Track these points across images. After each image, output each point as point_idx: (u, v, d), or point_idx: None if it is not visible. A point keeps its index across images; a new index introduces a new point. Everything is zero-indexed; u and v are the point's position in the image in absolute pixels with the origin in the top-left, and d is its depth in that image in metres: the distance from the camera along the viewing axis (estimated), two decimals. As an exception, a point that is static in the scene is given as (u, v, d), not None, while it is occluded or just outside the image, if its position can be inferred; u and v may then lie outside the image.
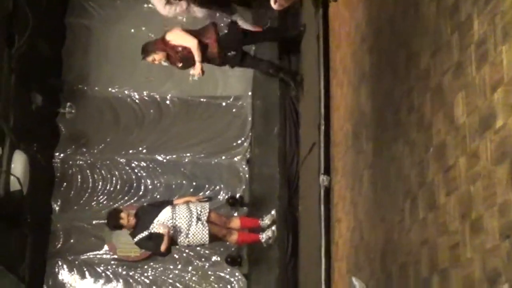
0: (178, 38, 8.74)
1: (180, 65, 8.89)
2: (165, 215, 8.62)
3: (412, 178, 4.44)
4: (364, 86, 6.22)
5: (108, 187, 10.85)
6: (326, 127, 7.86)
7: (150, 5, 10.41)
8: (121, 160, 10.93)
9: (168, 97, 11.13)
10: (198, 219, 8.68)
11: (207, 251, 10.60)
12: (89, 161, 10.92)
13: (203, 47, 8.70)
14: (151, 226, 8.56)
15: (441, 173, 3.85)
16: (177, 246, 9.14)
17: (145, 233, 8.58)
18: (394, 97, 5.03)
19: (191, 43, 8.68)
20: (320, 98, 8.04)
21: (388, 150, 5.16)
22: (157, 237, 8.53)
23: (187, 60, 8.81)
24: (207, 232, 8.70)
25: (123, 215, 8.61)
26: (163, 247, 8.54)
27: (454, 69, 3.73)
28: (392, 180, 4.99)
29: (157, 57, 8.87)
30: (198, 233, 8.66)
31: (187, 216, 8.64)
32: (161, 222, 8.55)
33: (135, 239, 8.68)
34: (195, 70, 8.82)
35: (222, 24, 9.43)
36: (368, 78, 6.12)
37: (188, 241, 8.73)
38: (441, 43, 3.97)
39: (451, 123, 3.73)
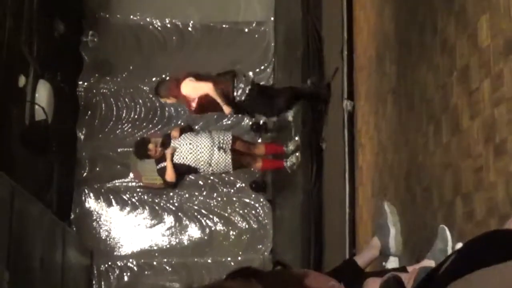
0: (193, 90, 8.29)
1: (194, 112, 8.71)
2: (184, 144, 8.61)
3: (436, 102, 4.41)
4: (387, 8, 6.14)
5: (132, 115, 10.90)
6: (349, 52, 7.80)
7: None
8: (144, 88, 10.95)
9: (190, 23, 11.08)
10: (220, 147, 8.66)
11: (231, 178, 10.67)
12: (112, 89, 10.95)
13: (221, 90, 8.27)
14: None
15: (465, 97, 3.83)
16: (201, 174, 9.18)
17: (164, 163, 8.60)
18: (417, 19, 4.98)
19: (206, 87, 8.21)
20: (343, 22, 7.96)
21: (411, 73, 5.13)
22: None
23: (202, 108, 8.52)
24: (230, 160, 8.70)
25: (151, 146, 8.60)
26: (166, 175, 8.59)
27: (478, -10, 3.68)
28: (416, 103, 4.97)
29: (170, 101, 8.82)
30: (221, 161, 8.65)
31: (208, 145, 8.60)
32: (173, 147, 8.55)
33: (157, 167, 8.74)
34: (227, 111, 8.45)
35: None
36: (391, 0, 6.05)
37: (212, 170, 8.74)
38: (465, -37, 3.90)
39: (475, 46, 3.69)
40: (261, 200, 10.64)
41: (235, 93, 8.29)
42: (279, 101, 8.73)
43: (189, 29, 11.09)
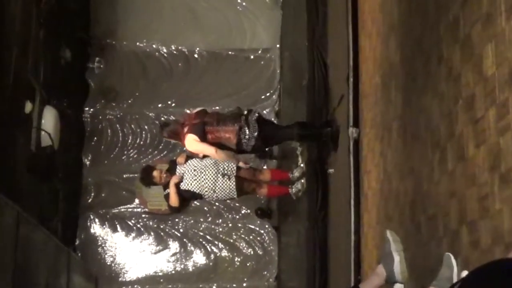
0: (197, 150, 8.57)
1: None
2: (189, 171, 8.64)
3: (441, 130, 4.42)
4: (393, 37, 6.17)
5: (138, 141, 10.92)
6: (354, 79, 7.82)
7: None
8: (150, 114, 10.98)
9: (196, 50, 11.13)
10: (225, 174, 8.68)
11: (237, 204, 10.67)
12: (118, 116, 10.98)
13: (221, 146, 8.52)
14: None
15: (470, 125, 3.83)
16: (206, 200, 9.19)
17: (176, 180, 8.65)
18: (423, 48, 5.00)
19: (209, 151, 8.49)
20: (349, 49, 7.99)
21: (417, 101, 5.14)
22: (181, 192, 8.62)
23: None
24: (234, 186, 8.70)
25: (155, 173, 8.64)
26: (170, 200, 8.64)
27: (483, 20, 3.69)
28: (421, 131, 4.98)
29: (174, 141, 9.09)
30: (226, 188, 8.67)
31: (212, 172, 8.63)
32: (179, 175, 8.61)
33: (165, 192, 8.76)
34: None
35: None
36: (397, 29, 6.07)
37: (216, 196, 8.75)
38: (470, -7, 3.92)
39: (480, 74, 3.70)
40: (267, 226, 10.63)
41: (243, 142, 8.46)
42: (288, 132, 8.82)
43: (195, 55, 11.14)
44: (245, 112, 8.57)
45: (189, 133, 8.41)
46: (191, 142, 8.41)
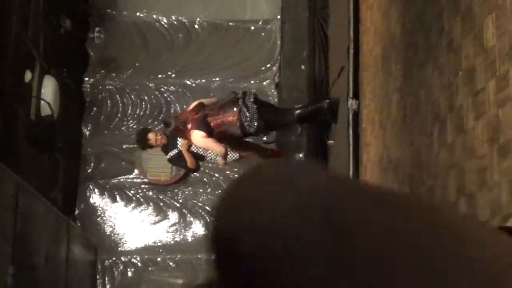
0: (204, 145, 8.62)
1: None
2: None
3: (441, 102, 4.42)
4: (394, 9, 6.15)
5: (137, 112, 10.90)
6: (355, 51, 7.81)
7: None
8: (150, 84, 10.96)
9: (196, 21, 11.09)
10: None
11: (236, 175, 10.66)
12: (118, 86, 10.96)
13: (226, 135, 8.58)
14: (179, 144, 8.67)
15: (470, 97, 3.83)
16: (206, 170, 9.21)
17: (175, 151, 8.68)
18: (424, 20, 4.98)
19: (217, 150, 8.57)
20: (350, 21, 7.97)
21: (417, 73, 5.13)
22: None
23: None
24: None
25: (151, 136, 8.68)
26: (189, 164, 8.76)
27: (484, -9, 3.68)
28: (421, 103, 4.98)
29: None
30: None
31: None
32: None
33: (167, 156, 8.80)
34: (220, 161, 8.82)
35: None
36: (398, 1, 6.05)
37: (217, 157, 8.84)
38: (472, -36, 3.90)
39: (480, 46, 3.69)
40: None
41: (246, 125, 8.46)
42: (288, 117, 8.84)
43: (196, 26, 11.09)
44: (240, 95, 8.58)
45: (194, 130, 8.42)
46: (198, 138, 8.43)
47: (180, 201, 10.71)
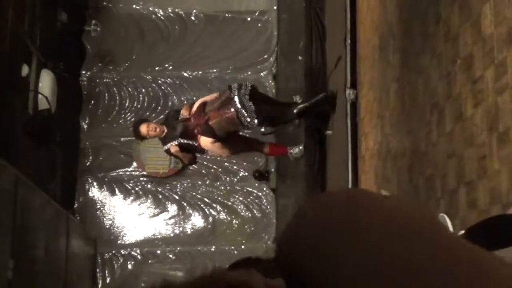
0: (213, 151, 8.90)
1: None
2: None
3: (439, 90, 4.41)
4: (390, -2, 6.14)
5: (135, 104, 10.89)
6: (352, 41, 7.80)
7: None
8: (147, 77, 10.94)
9: (192, 12, 11.06)
10: None
11: (235, 167, 10.68)
12: (115, 79, 10.94)
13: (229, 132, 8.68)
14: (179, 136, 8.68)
15: (468, 85, 3.83)
16: (205, 162, 9.22)
17: (175, 142, 8.66)
18: (421, 8, 4.97)
19: (225, 154, 9.00)
20: (346, 11, 7.96)
21: (415, 62, 5.13)
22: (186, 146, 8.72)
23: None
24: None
25: (142, 128, 8.67)
26: (185, 161, 8.92)
27: (482, -21, 3.67)
28: (419, 92, 4.97)
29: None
30: None
31: None
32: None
33: (164, 147, 8.78)
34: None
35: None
36: (394, -10, 6.04)
37: None
38: (469, -48, 3.89)
39: (478, 34, 3.69)
40: (265, 189, 10.65)
41: (246, 125, 8.53)
42: (287, 113, 8.84)
43: (192, 18, 11.07)
44: (235, 89, 8.55)
45: (202, 136, 8.56)
46: (208, 144, 8.60)
47: (179, 193, 10.71)
